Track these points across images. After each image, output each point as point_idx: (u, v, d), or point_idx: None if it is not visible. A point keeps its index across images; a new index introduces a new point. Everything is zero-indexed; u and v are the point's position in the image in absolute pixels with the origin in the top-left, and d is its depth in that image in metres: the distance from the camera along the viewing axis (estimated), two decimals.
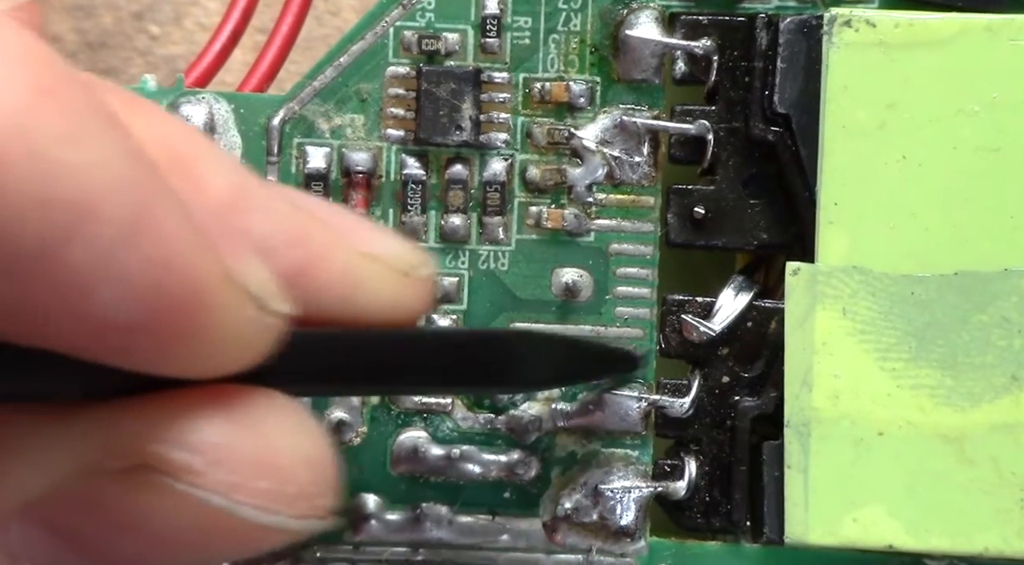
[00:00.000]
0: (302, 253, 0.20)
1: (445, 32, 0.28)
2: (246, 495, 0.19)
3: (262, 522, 0.19)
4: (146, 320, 0.18)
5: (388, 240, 0.22)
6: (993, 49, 0.27)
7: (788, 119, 0.28)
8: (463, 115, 0.28)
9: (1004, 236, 0.27)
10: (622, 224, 0.29)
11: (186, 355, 0.18)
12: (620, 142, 0.28)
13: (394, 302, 0.21)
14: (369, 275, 0.21)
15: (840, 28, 0.27)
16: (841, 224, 0.27)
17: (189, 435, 0.19)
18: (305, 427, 0.20)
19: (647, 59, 0.28)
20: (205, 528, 0.19)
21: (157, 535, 0.19)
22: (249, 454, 0.19)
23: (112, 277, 0.17)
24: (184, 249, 0.18)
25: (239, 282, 0.19)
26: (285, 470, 0.19)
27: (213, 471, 0.19)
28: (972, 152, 0.27)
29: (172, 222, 0.18)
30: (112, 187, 0.17)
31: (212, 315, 0.18)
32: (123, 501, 0.19)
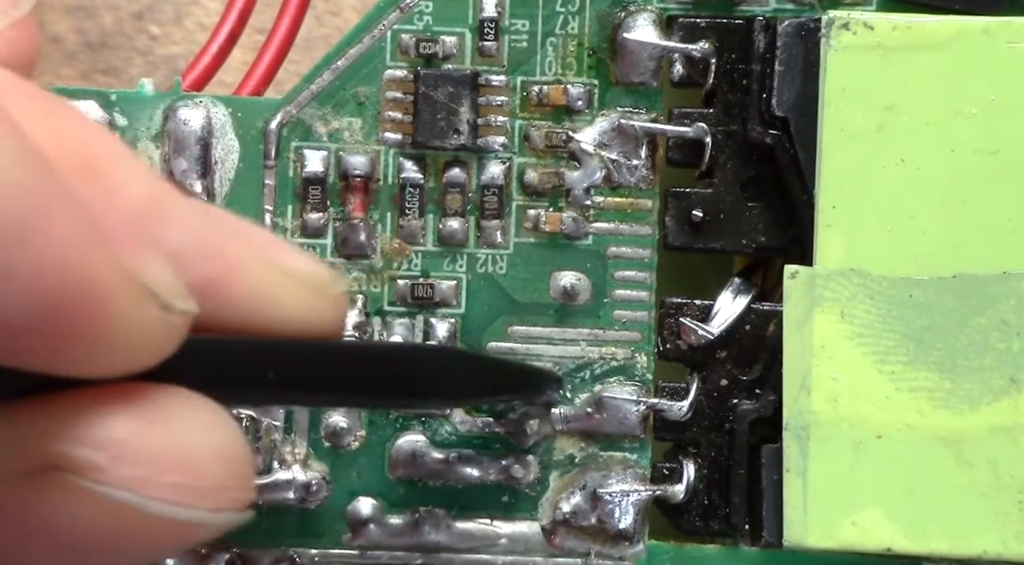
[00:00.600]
0: (215, 265, 0.20)
1: (443, 35, 0.28)
2: (156, 490, 0.19)
3: (174, 517, 0.19)
4: (40, 322, 0.17)
5: (302, 257, 0.22)
6: (991, 52, 0.27)
7: (786, 122, 0.28)
8: (461, 118, 0.28)
9: (1002, 239, 0.27)
10: (620, 227, 0.29)
11: (85, 355, 0.18)
12: (618, 145, 0.28)
13: (306, 318, 0.21)
14: (281, 290, 0.21)
15: (838, 31, 0.27)
16: (839, 227, 0.27)
17: (93, 431, 0.19)
18: (216, 421, 0.20)
19: (645, 62, 0.28)
20: (117, 528, 0.19)
21: (68, 539, 0.19)
22: (157, 449, 0.19)
23: (1, 279, 0.17)
24: (79, 249, 0.18)
25: (139, 282, 0.18)
26: (196, 463, 0.19)
27: (120, 467, 0.19)
28: (970, 155, 0.27)
29: (65, 222, 0.17)
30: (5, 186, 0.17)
31: (110, 315, 0.18)
32: (29, 505, 0.19)
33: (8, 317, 0.17)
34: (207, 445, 0.19)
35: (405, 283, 0.28)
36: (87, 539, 0.19)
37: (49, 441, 0.19)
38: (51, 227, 0.17)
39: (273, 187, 0.28)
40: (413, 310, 0.29)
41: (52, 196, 0.17)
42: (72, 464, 0.18)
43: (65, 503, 0.19)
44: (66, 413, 0.19)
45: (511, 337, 0.29)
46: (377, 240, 0.28)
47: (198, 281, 0.20)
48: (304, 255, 0.22)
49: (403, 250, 0.29)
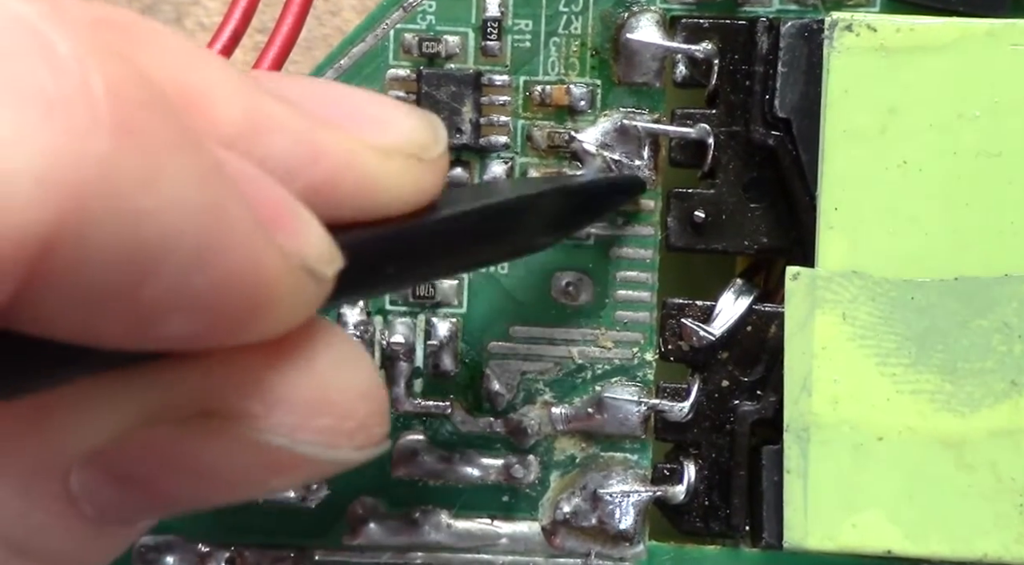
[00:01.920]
0: (319, 169, 0.20)
1: (446, 35, 0.28)
2: (307, 433, 0.19)
3: (324, 457, 0.20)
4: (212, 328, 0.18)
5: (399, 124, 0.22)
6: (994, 54, 0.27)
7: (789, 123, 0.28)
8: (463, 118, 0.28)
9: (1005, 241, 0.27)
10: (622, 228, 0.29)
11: (247, 335, 0.19)
12: (620, 145, 0.28)
13: (412, 192, 0.21)
14: (387, 174, 0.21)
15: (841, 32, 0.27)
16: (841, 229, 0.27)
17: (250, 381, 0.19)
18: (357, 360, 0.20)
19: (648, 62, 0.28)
20: (268, 466, 0.19)
21: (220, 476, 0.19)
22: (307, 394, 0.19)
23: (182, 305, 0.17)
24: (250, 255, 0.18)
25: (299, 265, 0.19)
26: (343, 405, 0.20)
27: (273, 414, 0.19)
28: (973, 157, 0.27)
29: (239, 232, 0.18)
30: (186, 220, 0.17)
31: (275, 301, 0.18)
32: (185, 448, 0.19)
33: (183, 334, 0.18)
34: (351, 386, 0.20)
35: None
36: (239, 476, 0.20)
37: (209, 390, 0.19)
38: (227, 243, 0.17)
39: None
40: (415, 309, 0.29)
41: (228, 205, 0.18)
42: (231, 412, 0.19)
43: (222, 447, 0.19)
44: (223, 365, 0.19)
45: (513, 337, 0.29)
46: None
47: (306, 189, 0.20)
48: (401, 116, 0.22)
49: None
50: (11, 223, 0.16)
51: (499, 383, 0.28)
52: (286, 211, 0.19)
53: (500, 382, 0.28)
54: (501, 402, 0.28)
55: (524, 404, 0.29)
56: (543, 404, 0.29)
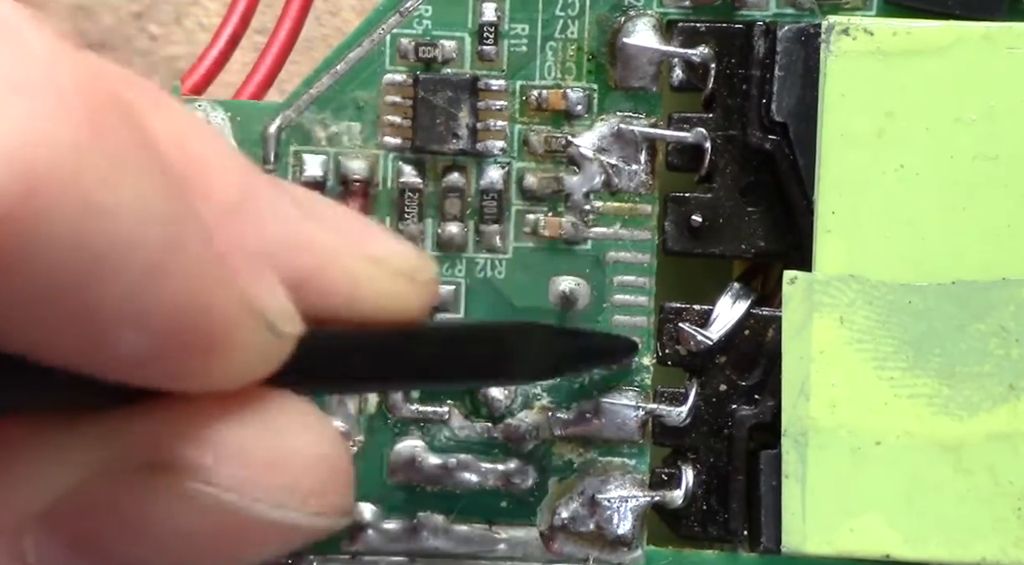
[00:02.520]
0: (307, 260, 0.20)
1: (442, 39, 0.28)
2: (259, 492, 0.19)
3: (276, 519, 0.19)
4: (164, 353, 0.18)
5: (392, 243, 0.22)
6: (991, 57, 0.27)
7: (785, 128, 0.28)
8: (460, 123, 0.28)
9: (1002, 245, 0.27)
10: (619, 232, 0.29)
11: (201, 377, 0.18)
12: (617, 150, 0.28)
13: (397, 305, 0.22)
14: (373, 280, 0.21)
15: (838, 36, 0.27)
16: (839, 233, 0.27)
17: (200, 433, 0.19)
18: (317, 426, 0.20)
19: (644, 67, 0.28)
20: (218, 528, 0.19)
21: (171, 537, 0.19)
22: (261, 452, 0.19)
23: (134, 318, 0.17)
24: (207, 282, 0.18)
25: (258, 310, 0.19)
26: (298, 467, 0.19)
27: (225, 468, 0.19)
28: (970, 161, 0.27)
29: (197, 256, 0.18)
30: (145, 228, 0.17)
31: (228, 344, 0.18)
32: (136, 503, 0.19)
33: (133, 352, 0.17)
34: (309, 449, 0.20)
35: None
36: (188, 539, 0.19)
37: (157, 441, 0.19)
38: (186, 262, 0.17)
39: None
40: None
41: (190, 229, 0.18)
42: (179, 463, 0.19)
43: (170, 502, 0.19)
44: (174, 415, 0.19)
45: None
46: None
47: (290, 277, 0.20)
48: (394, 240, 0.22)
49: None
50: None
51: (497, 388, 0.28)
52: (249, 260, 0.19)
53: (498, 387, 0.28)
54: (499, 407, 0.28)
55: (522, 409, 0.29)
56: (541, 409, 0.29)
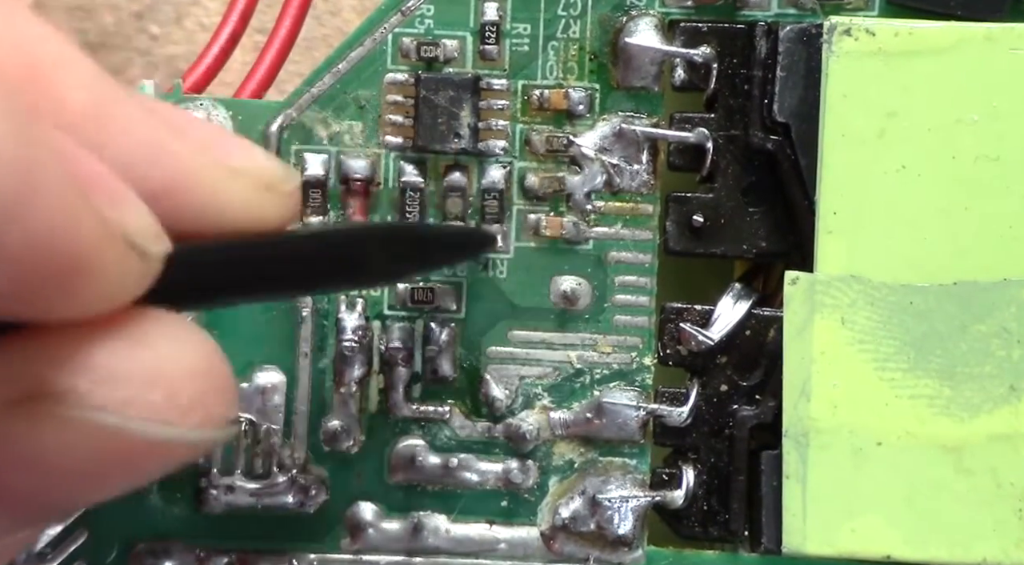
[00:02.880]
0: (165, 173, 0.20)
1: (444, 39, 0.28)
2: (140, 410, 0.19)
3: (157, 436, 0.19)
4: (27, 288, 0.17)
5: (253, 154, 0.22)
6: (993, 58, 0.27)
7: (787, 128, 0.28)
8: (461, 122, 0.28)
9: (1003, 246, 0.27)
10: (621, 232, 0.29)
11: (66, 307, 0.18)
12: (619, 150, 0.28)
13: (258, 215, 0.21)
14: (233, 191, 0.21)
15: (840, 37, 0.27)
16: (840, 233, 0.27)
17: (73, 358, 0.18)
18: (193, 340, 0.20)
19: (646, 66, 0.28)
20: (101, 453, 0.19)
21: (54, 466, 0.19)
22: (137, 370, 0.19)
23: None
24: (64, 214, 0.17)
25: (122, 236, 0.18)
26: (176, 381, 0.19)
27: (101, 390, 0.18)
28: (971, 161, 0.27)
29: (57, 191, 0.17)
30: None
31: (93, 271, 0.18)
32: (13, 435, 0.19)
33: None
34: (185, 362, 0.19)
35: (405, 287, 0.28)
36: (73, 466, 0.19)
37: (29, 370, 0.18)
38: (42, 199, 0.17)
39: None
40: (413, 314, 0.28)
41: (45, 166, 0.17)
42: (54, 391, 0.18)
43: (50, 430, 0.18)
44: (44, 344, 0.19)
45: (511, 341, 0.29)
46: None
47: (149, 189, 0.19)
48: (256, 151, 0.22)
49: None
50: None
51: (498, 388, 0.28)
52: (108, 183, 0.19)
53: (499, 387, 0.28)
54: (500, 407, 0.28)
55: (523, 409, 0.29)
56: (542, 409, 0.29)
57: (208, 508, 0.28)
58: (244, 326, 0.28)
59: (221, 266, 0.21)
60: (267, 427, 0.28)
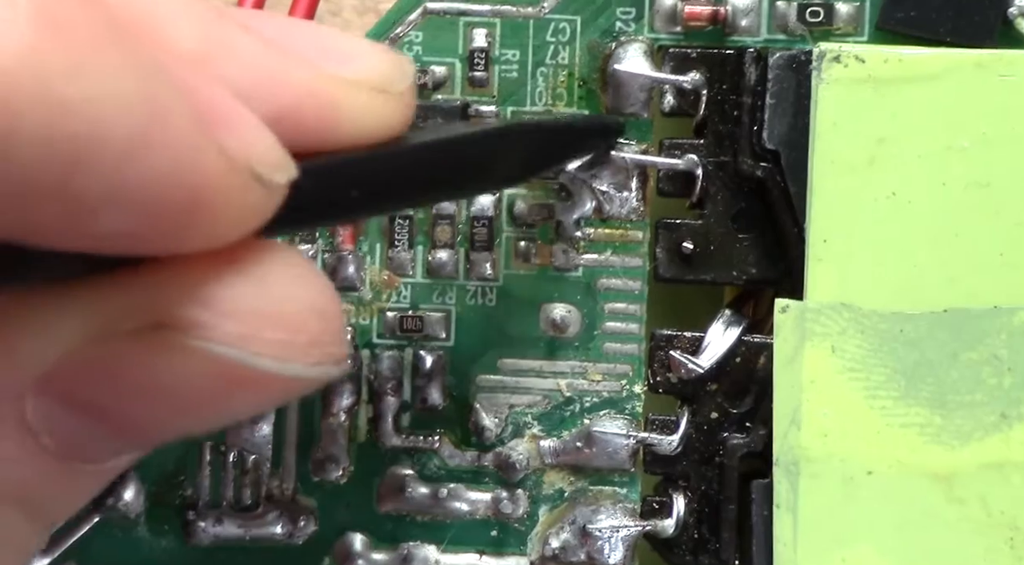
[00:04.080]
0: (281, 99, 0.20)
1: (433, 65, 0.28)
2: (259, 346, 0.19)
3: (276, 371, 0.19)
4: (149, 224, 0.18)
5: (366, 57, 0.21)
6: (983, 84, 0.27)
7: (777, 155, 0.27)
8: None
9: (994, 273, 0.27)
10: (610, 259, 0.28)
11: (190, 241, 0.18)
12: (608, 176, 0.28)
13: (376, 123, 0.21)
14: (351, 105, 0.21)
15: (829, 63, 0.27)
16: (830, 261, 0.27)
17: (199, 291, 0.19)
18: (311, 278, 0.20)
19: (635, 93, 0.28)
20: (220, 383, 0.19)
21: (174, 395, 0.19)
22: (259, 306, 0.19)
23: (116, 197, 0.17)
24: (187, 152, 0.18)
25: (244, 168, 0.18)
26: (296, 319, 0.19)
27: (225, 324, 0.19)
28: (962, 188, 0.27)
29: (176, 128, 0.17)
30: (118, 112, 0.17)
31: (217, 206, 0.18)
32: (136, 364, 0.19)
33: (120, 229, 0.17)
34: (304, 302, 0.20)
35: (394, 315, 0.28)
36: (193, 395, 0.19)
37: (157, 301, 0.19)
38: (163, 137, 0.17)
39: None
40: (402, 342, 0.28)
41: (165, 103, 0.17)
42: (179, 322, 0.19)
43: (173, 361, 0.19)
44: (172, 275, 0.19)
45: (501, 369, 0.28)
46: (366, 272, 0.28)
47: (266, 116, 0.19)
48: (367, 52, 0.22)
49: (392, 282, 0.28)
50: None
51: (487, 416, 0.28)
52: (230, 113, 0.19)
53: (488, 416, 0.28)
54: (489, 436, 0.28)
55: (512, 438, 0.28)
56: (531, 437, 0.28)
57: (196, 540, 0.28)
58: None
59: (344, 180, 0.21)
60: (255, 458, 0.28)
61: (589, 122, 0.28)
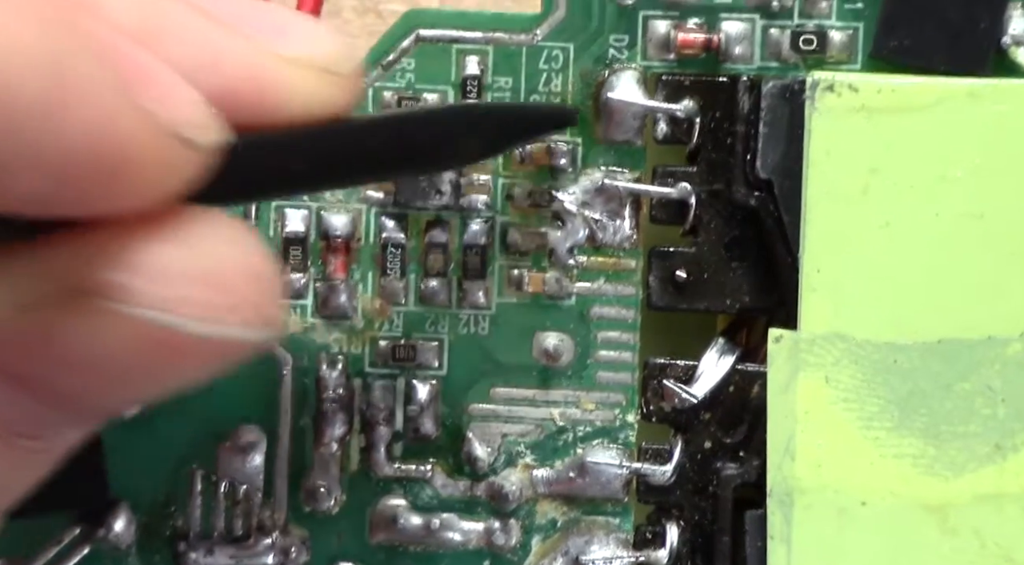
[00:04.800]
0: (221, 76, 0.20)
1: (425, 93, 0.28)
2: (189, 308, 0.18)
3: (209, 333, 0.19)
4: (67, 188, 0.17)
5: (312, 37, 0.21)
6: (976, 114, 0.27)
7: (770, 184, 0.27)
8: (443, 178, 0.28)
9: (987, 303, 0.27)
10: (603, 287, 0.28)
11: (111, 204, 0.18)
12: (601, 204, 0.28)
13: (320, 103, 0.21)
14: (292, 83, 0.20)
15: (822, 93, 0.27)
16: (824, 291, 0.27)
17: (124, 255, 0.18)
18: (243, 239, 0.19)
19: (628, 121, 0.28)
20: (151, 349, 0.19)
21: (104, 364, 0.19)
22: (187, 268, 0.19)
23: (33, 159, 0.17)
24: (105, 112, 0.17)
25: (167, 129, 0.18)
26: (226, 280, 0.19)
27: (152, 287, 0.18)
28: (955, 218, 0.27)
29: (92, 87, 0.17)
30: (25, 72, 0.16)
31: (136, 169, 0.18)
32: (63, 332, 0.18)
33: (37, 191, 0.17)
34: (235, 262, 0.19)
35: (386, 344, 0.28)
36: (123, 362, 0.19)
37: (81, 267, 0.18)
38: (79, 97, 0.17)
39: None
40: (394, 371, 0.28)
41: (76, 60, 0.17)
42: (105, 287, 0.18)
43: (100, 327, 0.18)
44: (96, 241, 0.18)
45: (494, 399, 0.28)
46: (358, 301, 0.28)
47: (209, 93, 0.19)
48: (314, 31, 0.21)
49: (384, 310, 0.28)
50: None
51: (480, 446, 0.28)
52: (151, 73, 0.18)
53: (481, 445, 0.28)
54: (482, 466, 0.28)
55: (505, 467, 0.28)
56: (524, 467, 0.28)
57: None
58: (224, 384, 0.28)
59: (286, 152, 0.21)
60: (246, 488, 0.28)
61: (540, 111, 0.27)
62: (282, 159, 0.21)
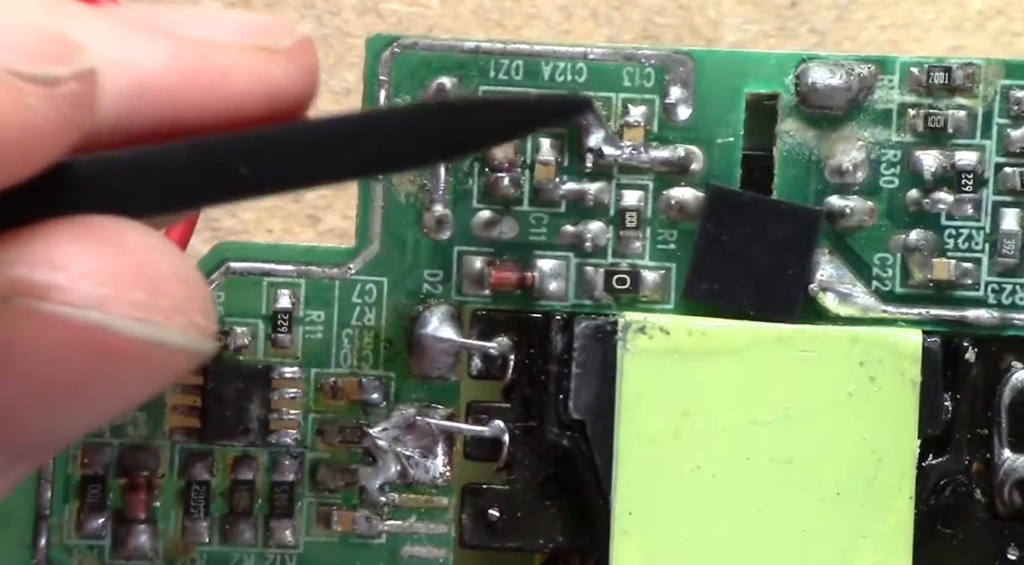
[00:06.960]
0: (137, 74, 0.19)
1: (235, 326, 0.28)
2: (120, 306, 0.18)
3: (142, 335, 0.18)
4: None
5: (232, 17, 0.20)
6: (785, 359, 0.27)
7: (583, 424, 0.27)
8: (251, 415, 0.27)
9: (797, 549, 0.27)
10: (415, 525, 0.28)
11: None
12: (413, 441, 0.28)
13: (267, 86, 0.20)
14: (219, 65, 0.19)
15: (634, 334, 0.27)
16: (635, 534, 0.27)
17: (50, 253, 0.17)
18: (171, 251, 0.19)
19: (441, 357, 0.28)
20: (84, 353, 0.18)
21: (34, 373, 0.18)
22: (117, 266, 0.18)
23: None
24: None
25: (2, 73, 0.17)
26: (157, 282, 0.18)
27: (81, 285, 0.17)
28: (765, 463, 0.27)
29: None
30: None
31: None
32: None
33: None
34: (167, 266, 0.18)
35: None
36: (55, 371, 0.18)
37: (5, 268, 0.17)
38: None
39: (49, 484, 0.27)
40: None
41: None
42: (32, 287, 0.17)
43: (29, 330, 0.17)
44: (18, 241, 0.17)
45: None
46: (159, 540, 0.27)
47: (125, 94, 0.18)
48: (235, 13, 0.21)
49: (187, 550, 0.27)
50: None
51: None
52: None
53: None
54: None
55: None
56: None
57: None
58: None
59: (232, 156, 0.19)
60: None
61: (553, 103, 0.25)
62: (229, 162, 0.19)
